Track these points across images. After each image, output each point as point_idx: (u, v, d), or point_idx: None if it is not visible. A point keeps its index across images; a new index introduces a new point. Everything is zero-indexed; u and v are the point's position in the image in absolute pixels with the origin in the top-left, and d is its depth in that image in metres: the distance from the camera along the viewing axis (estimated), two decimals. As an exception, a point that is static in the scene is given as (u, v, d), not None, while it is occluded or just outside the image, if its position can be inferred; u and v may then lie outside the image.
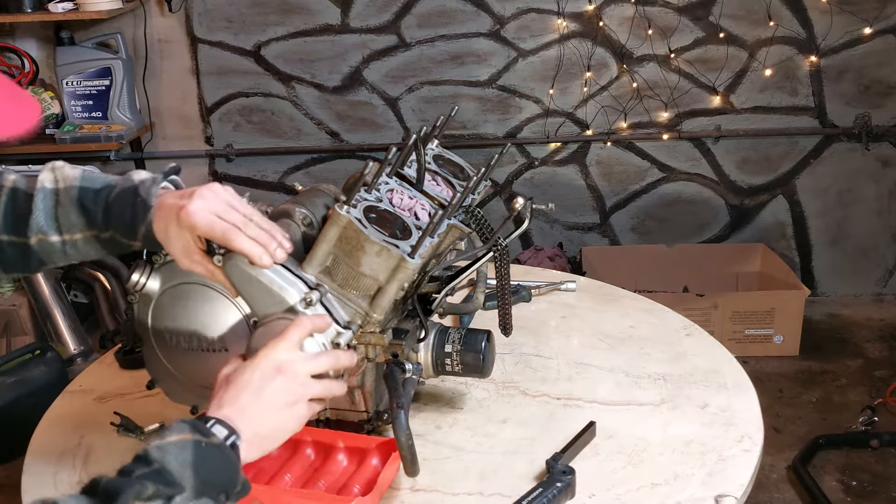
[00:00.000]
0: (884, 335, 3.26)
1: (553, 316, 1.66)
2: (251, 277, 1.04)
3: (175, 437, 0.87)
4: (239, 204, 1.03)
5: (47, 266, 1.11)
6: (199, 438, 0.88)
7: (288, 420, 0.96)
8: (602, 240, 3.55)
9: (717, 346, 1.51)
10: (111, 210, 1.04)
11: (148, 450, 0.87)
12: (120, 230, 1.05)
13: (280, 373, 0.95)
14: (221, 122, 3.47)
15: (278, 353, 0.97)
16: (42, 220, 1.06)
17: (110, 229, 1.05)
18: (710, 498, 1.12)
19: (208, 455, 0.87)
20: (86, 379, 1.54)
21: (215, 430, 0.90)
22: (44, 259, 1.09)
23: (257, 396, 0.94)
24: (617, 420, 1.30)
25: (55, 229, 1.06)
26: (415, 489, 1.17)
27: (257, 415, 0.94)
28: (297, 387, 0.96)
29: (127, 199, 1.04)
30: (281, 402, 0.95)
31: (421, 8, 3.26)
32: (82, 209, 1.05)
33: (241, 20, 3.32)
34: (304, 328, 0.99)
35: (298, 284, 1.06)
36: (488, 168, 1.23)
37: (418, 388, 1.36)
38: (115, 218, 1.04)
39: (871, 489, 2.44)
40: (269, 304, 1.05)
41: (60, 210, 1.06)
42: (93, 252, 1.09)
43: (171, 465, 0.85)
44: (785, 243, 3.49)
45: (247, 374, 0.95)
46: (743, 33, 3.20)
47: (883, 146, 3.32)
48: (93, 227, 1.06)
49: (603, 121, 3.34)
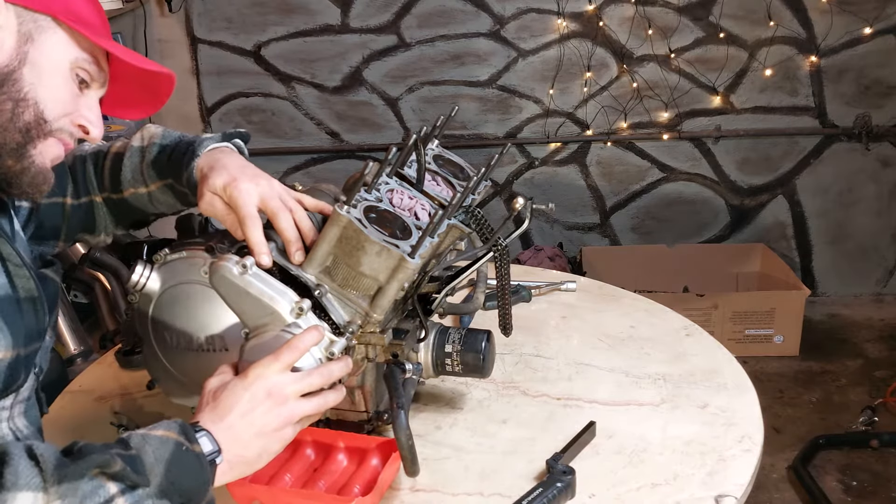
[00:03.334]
0: (884, 335, 3.26)
1: (553, 316, 1.66)
2: (239, 289, 1.02)
3: (161, 431, 0.89)
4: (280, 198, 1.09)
5: (148, 215, 1.25)
6: (183, 441, 0.88)
7: (272, 443, 0.96)
8: (602, 240, 3.55)
9: (717, 346, 1.51)
10: (171, 158, 1.16)
11: (132, 435, 0.88)
12: (174, 175, 1.16)
13: (269, 397, 0.95)
14: (221, 123, 3.47)
15: (269, 377, 0.95)
16: (129, 176, 1.20)
17: (169, 175, 1.17)
18: (710, 498, 1.12)
19: (185, 460, 0.87)
20: (86, 379, 1.54)
21: (202, 441, 0.90)
22: (145, 210, 1.23)
23: (245, 418, 0.93)
24: (617, 420, 1.30)
25: (141, 182, 1.20)
26: (415, 489, 1.17)
27: (244, 437, 0.93)
28: (286, 411, 0.95)
29: (181, 148, 1.16)
30: (269, 427, 0.95)
31: (421, 8, 3.26)
32: (156, 161, 1.18)
33: (241, 20, 3.32)
34: (297, 351, 0.98)
35: (288, 294, 1.03)
36: (488, 168, 1.23)
37: (418, 388, 1.36)
38: (172, 164, 1.16)
39: (872, 489, 2.44)
40: (259, 316, 1.03)
41: (143, 165, 1.19)
42: (170, 200, 1.20)
43: (146, 456, 0.86)
44: (785, 243, 3.49)
45: (236, 394, 0.94)
46: (743, 33, 3.20)
47: (883, 146, 3.32)
48: (162, 176, 1.18)
49: (603, 121, 3.34)
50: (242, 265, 1.02)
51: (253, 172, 1.10)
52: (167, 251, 1.21)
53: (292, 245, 1.07)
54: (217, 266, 1.02)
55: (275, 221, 1.07)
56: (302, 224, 1.09)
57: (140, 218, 1.26)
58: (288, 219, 1.07)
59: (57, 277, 1.10)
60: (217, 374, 1.00)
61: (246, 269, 1.02)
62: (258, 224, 1.06)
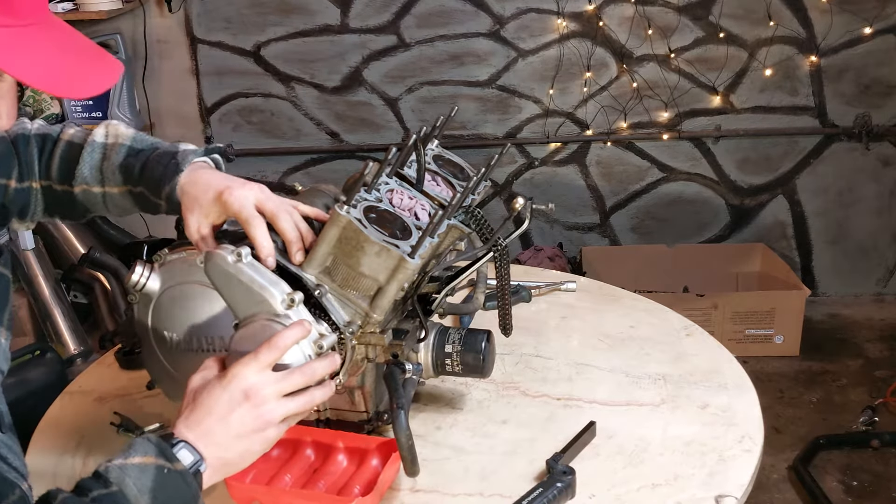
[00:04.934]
0: (884, 335, 3.26)
1: (553, 316, 1.66)
2: (231, 277, 1.02)
3: (138, 458, 0.86)
4: (275, 199, 1.08)
5: (93, 214, 1.21)
6: (163, 464, 0.86)
7: (254, 444, 0.94)
8: (602, 240, 3.55)
9: (717, 347, 1.51)
10: (147, 166, 1.13)
11: (109, 468, 0.86)
12: (149, 186, 1.13)
13: (247, 399, 0.92)
14: (221, 123, 3.47)
15: (248, 377, 0.93)
16: (86, 172, 1.15)
17: (141, 185, 1.13)
18: (711, 498, 1.12)
19: (169, 482, 0.86)
20: (86, 379, 1.54)
21: (180, 456, 0.88)
22: (88, 208, 1.19)
23: (222, 421, 0.91)
24: (617, 420, 1.30)
25: (98, 181, 1.15)
26: (415, 489, 1.17)
27: (222, 440, 0.92)
28: (265, 412, 0.93)
29: (163, 160, 1.12)
30: (247, 429, 0.92)
31: (420, 8, 3.26)
32: (125, 164, 1.14)
33: (241, 20, 3.32)
34: (277, 350, 0.95)
35: (281, 285, 1.02)
36: (488, 168, 1.23)
37: (418, 388, 1.36)
38: (148, 174, 1.12)
39: (872, 489, 2.44)
40: (250, 305, 1.02)
41: (105, 163, 1.15)
42: (127, 205, 1.17)
43: (128, 489, 0.84)
44: (785, 243, 3.49)
45: (214, 396, 0.92)
46: (743, 33, 3.20)
47: (883, 146, 3.32)
48: (129, 181, 1.14)
49: (603, 121, 3.34)
50: (237, 254, 1.02)
51: (241, 182, 1.09)
52: (167, 251, 1.20)
53: (294, 245, 1.07)
54: (212, 254, 1.02)
55: (275, 222, 1.07)
56: (300, 225, 1.09)
57: (77, 213, 1.21)
58: (288, 219, 1.07)
59: (6, 271, 1.06)
60: (201, 371, 0.98)
61: (240, 258, 1.01)
62: (262, 224, 1.05)
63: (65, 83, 0.82)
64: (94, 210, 1.20)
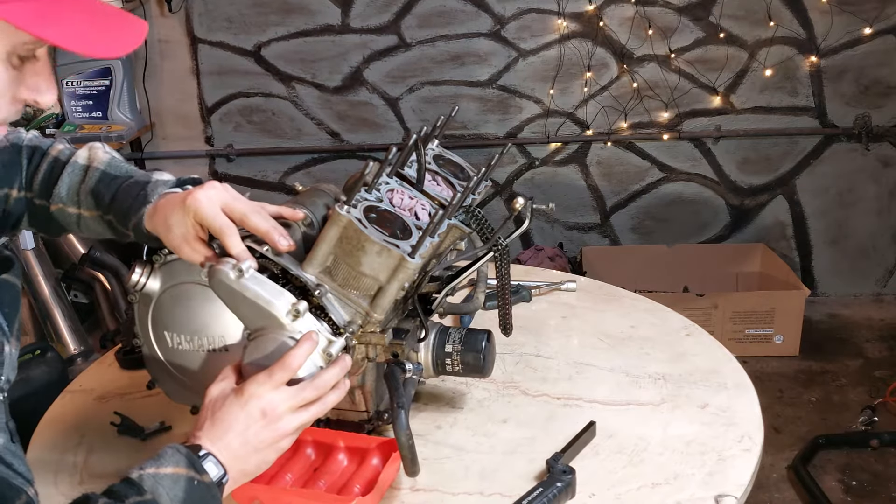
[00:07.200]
0: (884, 335, 3.26)
1: (553, 316, 1.66)
2: (235, 293, 1.02)
3: (170, 469, 0.90)
4: (243, 199, 1.05)
5: (68, 232, 1.20)
6: (193, 475, 0.90)
7: (270, 454, 0.99)
8: (602, 240, 3.55)
9: (717, 346, 1.51)
10: (117, 196, 1.12)
11: (143, 476, 0.89)
12: (117, 216, 1.12)
13: (264, 416, 0.96)
14: (222, 122, 3.47)
15: (263, 396, 0.97)
16: (63, 192, 1.15)
17: (111, 213, 1.13)
18: (710, 498, 1.12)
19: (198, 494, 0.90)
20: (86, 379, 1.54)
21: (208, 468, 0.92)
22: (63, 226, 1.18)
23: (241, 437, 0.96)
24: (617, 420, 1.30)
25: (74, 202, 1.15)
26: (415, 489, 1.17)
27: (242, 454, 0.96)
28: (281, 426, 0.97)
29: (132, 191, 1.11)
30: (265, 443, 0.97)
31: (421, 8, 3.26)
32: (97, 190, 1.13)
33: (242, 20, 3.32)
34: (289, 371, 0.98)
35: (285, 296, 1.02)
36: (489, 168, 1.23)
37: (418, 387, 1.36)
38: (117, 204, 1.12)
39: (872, 489, 2.44)
40: (257, 319, 1.03)
41: (82, 186, 1.14)
42: (100, 230, 1.16)
43: (161, 498, 0.87)
44: (785, 243, 3.49)
45: (233, 414, 0.96)
46: (743, 33, 3.20)
47: (883, 146, 3.32)
48: (100, 207, 1.14)
49: (603, 121, 3.34)
50: (238, 269, 1.01)
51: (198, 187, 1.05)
52: (167, 251, 1.21)
53: (272, 233, 1.03)
54: (214, 270, 1.02)
55: (246, 223, 1.03)
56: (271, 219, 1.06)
57: (53, 230, 1.20)
58: (257, 216, 1.03)
59: (17, 280, 1.06)
60: (218, 381, 1.00)
61: (242, 273, 1.01)
62: (234, 232, 1.02)
63: (101, 44, 0.83)
64: (69, 229, 1.19)
